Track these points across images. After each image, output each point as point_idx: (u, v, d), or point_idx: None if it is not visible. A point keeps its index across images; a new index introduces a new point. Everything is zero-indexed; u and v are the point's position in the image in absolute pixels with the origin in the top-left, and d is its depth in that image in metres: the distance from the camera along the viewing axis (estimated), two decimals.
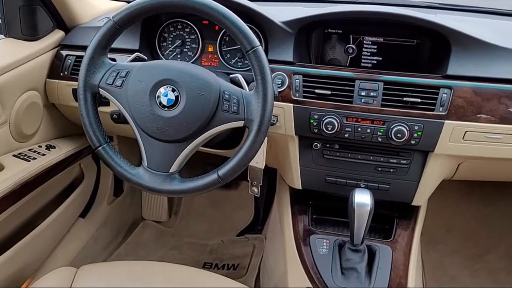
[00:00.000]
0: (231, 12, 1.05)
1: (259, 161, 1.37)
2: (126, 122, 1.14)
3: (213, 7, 1.05)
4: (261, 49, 1.05)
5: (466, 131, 1.24)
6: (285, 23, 1.33)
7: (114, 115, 1.22)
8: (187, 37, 1.48)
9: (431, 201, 2.23)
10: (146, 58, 1.22)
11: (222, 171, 1.08)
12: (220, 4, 1.05)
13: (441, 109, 1.24)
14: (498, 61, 1.27)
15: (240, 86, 1.15)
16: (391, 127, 1.25)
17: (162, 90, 1.07)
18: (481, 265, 2.08)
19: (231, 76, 1.19)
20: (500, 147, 1.25)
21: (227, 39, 1.45)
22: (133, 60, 1.20)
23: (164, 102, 1.06)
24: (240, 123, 1.07)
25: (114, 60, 1.23)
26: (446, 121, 1.24)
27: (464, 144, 1.25)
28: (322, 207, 1.50)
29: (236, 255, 2.08)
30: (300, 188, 1.45)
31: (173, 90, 1.06)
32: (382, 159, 1.34)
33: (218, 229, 2.28)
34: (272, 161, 1.55)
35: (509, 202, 2.29)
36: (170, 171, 1.11)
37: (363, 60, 1.40)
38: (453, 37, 1.25)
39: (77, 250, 1.85)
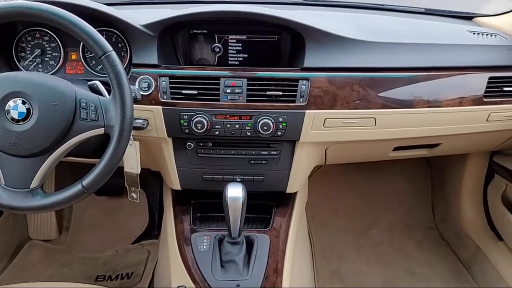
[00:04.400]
0: (78, 18, 1.03)
1: (134, 167, 1.36)
2: None
3: (58, 14, 1.02)
4: (114, 54, 1.04)
5: (326, 119, 1.33)
6: (145, 26, 1.32)
7: None
8: (47, 45, 1.41)
9: (319, 186, 2.37)
10: None
11: (86, 181, 1.05)
12: (66, 11, 1.02)
13: (301, 100, 1.31)
14: (349, 51, 1.37)
15: (99, 93, 1.13)
16: (258, 121, 1.31)
17: (11, 103, 1.01)
18: (365, 241, 2.25)
19: (89, 83, 1.17)
20: (357, 130, 1.36)
21: None
22: None
23: (15, 116, 1.02)
24: (100, 131, 1.05)
25: None
26: (307, 111, 1.32)
27: (325, 131, 1.35)
28: (205, 205, 1.52)
29: (131, 264, 2.04)
30: (180, 188, 1.46)
31: (23, 103, 1.02)
32: (254, 152, 1.40)
33: (112, 240, 2.22)
34: (152, 164, 1.55)
35: (386, 179, 2.50)
36: (31, 186, 1.06)
37: (230, 58, 1.44)
38: (306, 32, 1.33)
39: None
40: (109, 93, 1.12)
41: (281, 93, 1.31)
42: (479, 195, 2.07)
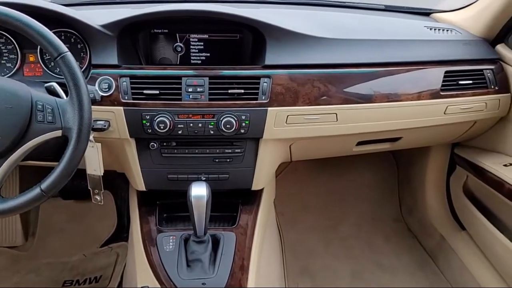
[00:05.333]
0: (32, 19, 1.01)
1: (96, 169, 1.34)
2: None
3: (11, 15, 0.99)
4: (69, 55, 1.03)
5: (288, 115, 1.34)
6: (103, 26, 1.30)
7: None
8: (3, 47, 1.38)
9: (288, 183, 2.39)
10: None
11: (45, 184, 1.03)
12: (19, 12, 1.00)
13: (263, 97, 1.32)
14: (309, 48, 1.39)
15: (56, 94, 1.11)
16: (221, 119, 1.31)
17: None
18: (334, 235, 2.28)
19: (46, 85, 1.15)
20: (319, 126, 1.38)
21: None
22: None
23: None
24: (57, 133, 1.04)
25: None
26: (269, 108, 1.33)
27: (288, 128, 1.36)
28: (171, 205, 1.51)
29: (99, 267, 2.02)
30: (144, 189, 1.45)
31: None
32: (218, 151, 1.40)
33: (79, 244, 2.18)
34: (116, 165, 1.53)
35: (354, 174, 2.54)
36: None
37: (192, 57, 1.43)
38: (266, 29, 1.34)
39: None
40: (66, 94, 1.11)
41: (243, 91, 1.32)
42: (443, 187, 2.12)
